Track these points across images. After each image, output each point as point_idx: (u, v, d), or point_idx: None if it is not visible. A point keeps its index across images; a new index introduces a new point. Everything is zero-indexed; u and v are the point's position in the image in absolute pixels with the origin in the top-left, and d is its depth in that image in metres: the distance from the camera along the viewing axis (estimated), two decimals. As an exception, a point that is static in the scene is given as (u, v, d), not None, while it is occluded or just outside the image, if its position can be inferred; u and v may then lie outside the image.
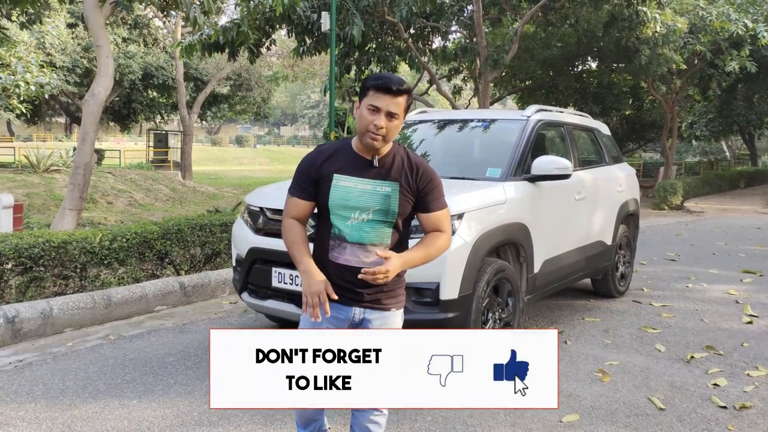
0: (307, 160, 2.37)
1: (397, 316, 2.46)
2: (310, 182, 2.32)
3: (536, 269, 4.62)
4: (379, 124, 2.22)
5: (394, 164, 2.34)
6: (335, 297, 2.28)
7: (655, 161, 34.48)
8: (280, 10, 7.93)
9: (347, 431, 3.18)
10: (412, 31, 13.84)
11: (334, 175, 2.30)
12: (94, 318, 5.07)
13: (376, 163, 2.31)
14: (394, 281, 2.37)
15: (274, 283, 4.06)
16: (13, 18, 15.73)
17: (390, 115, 2.24)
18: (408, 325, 3.72)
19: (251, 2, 8.01)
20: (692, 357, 4.42)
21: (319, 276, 2.28)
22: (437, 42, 15.61)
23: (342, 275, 2.32)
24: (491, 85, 14.50)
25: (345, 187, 2.29)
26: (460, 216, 3.84)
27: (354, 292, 2.33)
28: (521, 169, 4.62)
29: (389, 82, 2.23)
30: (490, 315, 4.10)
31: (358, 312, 2.37)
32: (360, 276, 2.24)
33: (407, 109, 2.31)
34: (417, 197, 2.37)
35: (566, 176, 4.62)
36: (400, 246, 2.39)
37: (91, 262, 5.41)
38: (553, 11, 13.87)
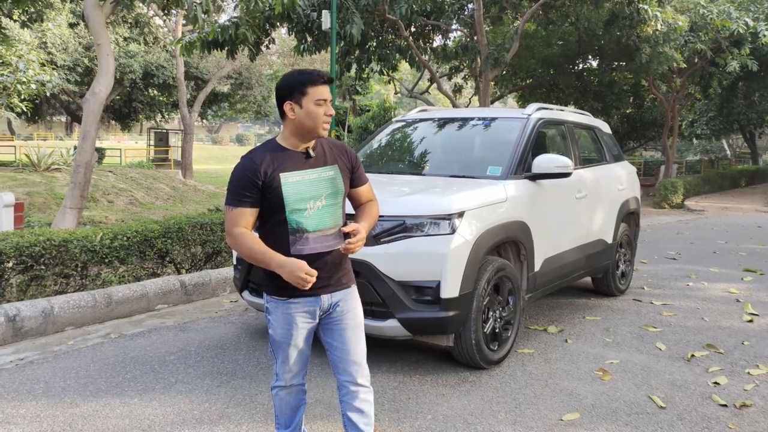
0: (245, 169, 2.37)
1: (355, 290, 2.59)
2: (256, 189, 2.36)
3: (537, 268, 4.62)
4: (330, 112, 2.40)
5: (326, 150, 2.50)
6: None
7: (655, 160, 34.46)
8: (279, 9, 7.93)
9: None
10: (412, 29, 13.85)
11: (280, 174, 2.36)
12: (95, 316, 5.08)
13: (311, 153, 2.44)
14: (346, 258, 2.53)
15: (275, 281, 4.05)
16: (15, 17, 15.74)
17: (328, 103, 2.41)
18: (409, 324, 3.75)
19: (250, 1, 8.00)
20: (693, 355, 4.42)
21: (294, 260, 2.32)
22: (438, 40, 15.61)
23: (309, 266, 2.35)
24: (492, 83, 14.48)
25: (294, 182, 2.38)
26: (460, 214, 3.84)
27: (320, 278, 2.40)
28: (522, 168, 4.62)
29: (323, 74, 2.40)
30: (491, 313, 4.10)
31: (326, 298, 2.48)
32: (342, 248, 2.38)
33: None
34: (351, 175, 2.55)
35: (567, 175, 4.62)
36: (345, 223, 2.52)
37: (91, 261, 5.42)
38: (553, 9, 13.86)
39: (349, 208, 2.61)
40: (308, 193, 2.38)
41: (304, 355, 2.54)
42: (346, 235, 2.42)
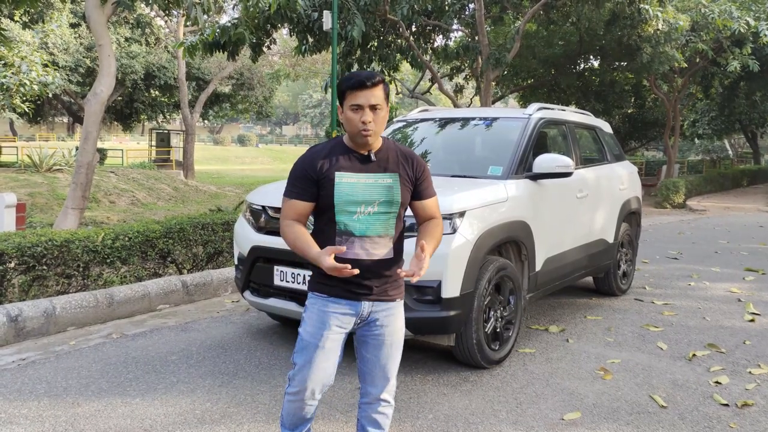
0: (304, 162, 2.38)
1: (401, 305, 2.50)
2: (311, 183, 2.34)
3: (538, 267, 4.62)
4: (367, 120, 2.29)
5: (390, 156, 2.41)
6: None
7: (657, 160, 34.46)
8: (274, 7, 7.93)
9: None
10: (413, 29, 13.84)
11: (336, 173, 2.33)
12: (96, 317, 5.09)
13: (373, 157, 2.38)
14: (396, 271, 2.41)
15: (276, 281, 4.06)
16: (16, 18, 15.77)
17: (373, 108, 2.30)
18: (410, 323, 3.75)
19: (249, 1, 8.01)
20: (694, 355, 4.42)
21: (326, 256, 2.24)
22: (439, 40, 15.60)
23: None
24: (493, 83, 14.47)
25: (349, 183, 2.33)
26: (461, 214, 3.85)
27: (363, 286, 2.36)
28: (523, 168, 4.62)
29: (362, 78, 2.30)
30: (492, 313, 4.10)
31: (366, 306, 2.39)
32: (403, 274, 2.28)
33: (388, 98, 2.38)
34: (414, 186, 2.44)
35: (568, 174, 4.62)
36: (401, 235, 2.46)
37: (93, 261, 5.43)
38: (554, 9, 13.85)
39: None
40: (361, 197, 2.32)
41: (329, 365, 2.40)
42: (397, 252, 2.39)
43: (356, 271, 2.20)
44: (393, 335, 2.45)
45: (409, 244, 2.74)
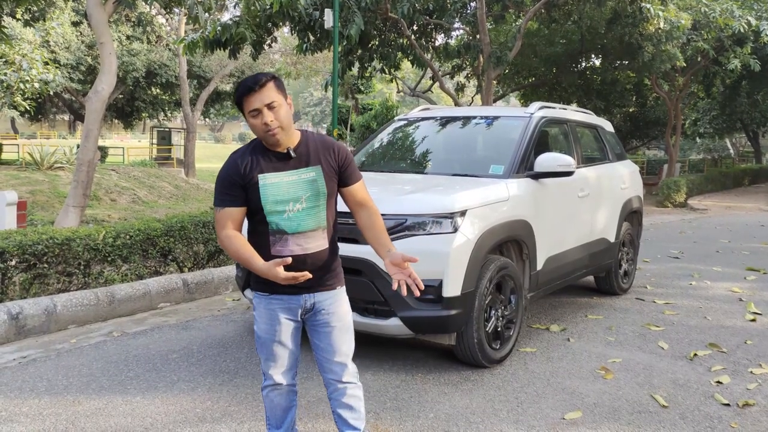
0: (228, 169, 2.38)
1: (342, 292, 2.54)
2: (239, 188, 2.35)
3: (539, 266, 4.61)
4: (267, 120, 2.28)
5: (310, 149, 2.42)
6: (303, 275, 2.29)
7: (658, 159, 34.39)
8: (276, 6, 7.93)
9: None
10: (414, 28, 13.82)
11: (259, 176, 2.35)
12: (97, 315, 5.09)
13: (292, 153, 2.38)
14: (332, 259, 2.48)
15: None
16: (18, 16, 15.77)
17: (270, 107, 2.29)
18: (411, 322, 3.75)
19: (250, 0, 8.01)
20: (695, 354, 4.41)
21: (271, 266, 2.27)
22: (440, 39, 15.58)
23: (287, 266, 2.33)
24: (494, 82, 14.46)
25: (272, 183, 2.35)
26: (463, 213, 3.84)
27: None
28: (524, 167, 4.61)
29: (248, 84, 2.28)
30: (493, 312, 4.10)
31: (307, 298, 2.45)
32: (403, 292, 2.37)
33: (284, 93, 2.35)
34: (339, 174, 2.46)
35: (569, 173, 4.61)
36: (333, 224, 2.48)
37: (94, 259, 5.43)
38: (556, 8, 13.83)
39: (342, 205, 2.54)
40: (287, 195, 2.34)
41: (290, 353, 2.50)
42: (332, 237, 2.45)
43: (309, 275, 2.26)
44: (340, 320, 2.50)
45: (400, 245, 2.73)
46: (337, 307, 2.50)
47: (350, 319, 2.55)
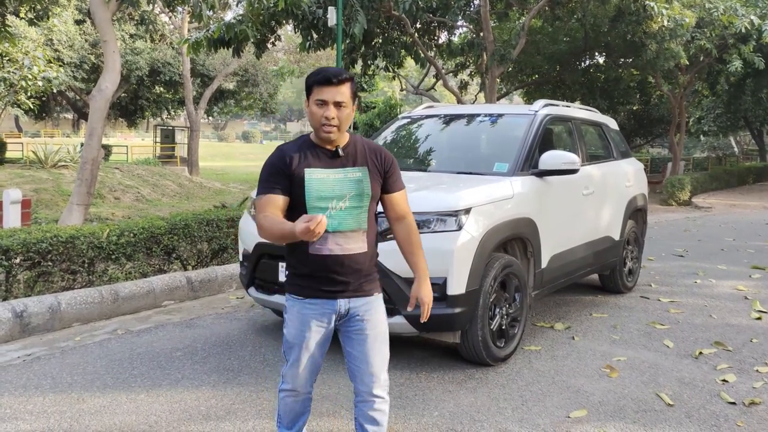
0: (275, 159, 2.38)
1: (379, 299, 2.51)
2: (285, 178, 2.34)
3: (544, 264, 4.60)
4: (329, 116, 2.29)
5: (357, 150, 2.42)
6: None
7: (662, 157, 34.30)
8: (281, 5, 7.93)
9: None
10: (418, 25, 13.79)
11: (305, 169, 2.34)
12: (101, 313, 5.09)
13: (341, 152, 2.38)
14: (370, 264, 2.45)
15: (281, 277, 4.06)
16: (21, 14, 15.79)
17: (337, 105, 2.30)
18: (415, 320, 3.74)
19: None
20: (701, 353, 4.40)
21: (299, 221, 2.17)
22: (443, 37, 15.55)
23: (325, 266, 2.34)
24: (498, 80, 14.43)
25: (319, 179, 2.34)
26: (467, 211, 3.83)
27: (338, 282, 2.37)
28: (529, 164, 4.60)
29: (329, 74, 2.30)
30: (497, 310, 4.09)
31: (343, 303, 2.41)
32: (410, 309, 2.51)
33: (355, 97, 2.38)
34: (383, 179, 2.46)
35: (574, 171, 4.60)
36: (373, 229, 2.46)
37: (98, 257, 5.43)
38: (560, 5, 13.79)
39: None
40: (331, 192, 2.33)
41: (314, 361, 2.47)
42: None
43: (325, 223, 2.03)
44: (375, 328, 2.46)
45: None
46: (373, 314, 2.46)
47: (386, 328, 2.51)
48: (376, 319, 2.47)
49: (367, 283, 2.45)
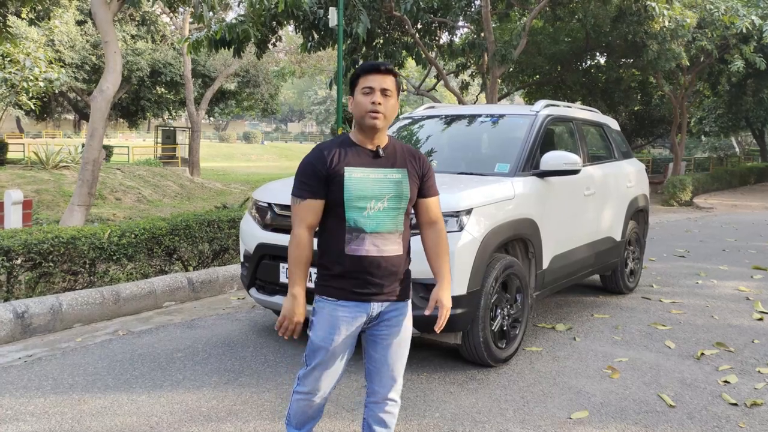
0: (313, 159, 2.35)
1: (408, 306, 2.50)
2: (321, 181, 2.31)
3: (545, 265, 4.60)
4: (377, 101, 2.29)
5: (397, 152, 2.42)
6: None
7: (664, 157, 34.27)
8: (282, 6, 7.93)
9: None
10: (419, 26, 13.79)
11: (345, 168, 2.31)
12: (103, 313, 5.09)
13: (381, 152, 2.37)
14: (405, 269, 2.44)
15: (282, 278, 4.06)
16: (23, 15, 15.82)
17: (384, 93, 2.32)
18: (416, 321, 3.72)
19: (255, -1, 8.02)
20: (702, 354, 4.39)
21: (304, 306, 2.35)
22: (445, 37, 15.54)
23: (361, 267, 2.31)
24: (499, 80, 14.42)
25: (358, 178, 2.31)
26: (468, 211, 3.82)
27: (373, 284, 2.34)
28: (530, 165, 4.59)
29: (376, 64, 2.34)
30: (499, 311, 4.08)
31: (376, 306, 2.38)
32: (436, 328, 2.45)
33: (398, 91, 2.39)
34: (420, 182, 2.45)
35: (575, 172, 4.60)
36: (408, 232, 2.45)
37: (99, 258, 5.43)
38: (561, 6, 13.78)
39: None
40: (370, 192, 2.31)
41: (337, 368, 2.42)
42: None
43: (296, 330, 2.36)
44: (401, 334, 2.44)
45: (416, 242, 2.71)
46: (401, 321, 2.44)
47: (410, 335, 2.50)
48: (403, 326, 2.45)
49: (401, 287, 2.42)
